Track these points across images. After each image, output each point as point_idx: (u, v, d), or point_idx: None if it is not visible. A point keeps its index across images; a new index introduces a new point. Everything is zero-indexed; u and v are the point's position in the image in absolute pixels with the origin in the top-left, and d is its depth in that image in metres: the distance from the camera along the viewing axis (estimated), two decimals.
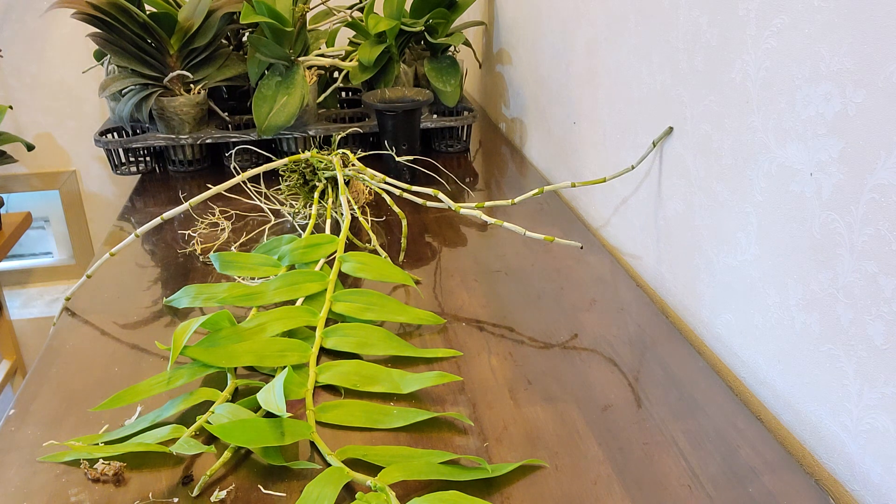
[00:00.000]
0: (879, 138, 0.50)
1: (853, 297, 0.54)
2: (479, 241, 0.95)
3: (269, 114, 1.14)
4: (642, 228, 0.87)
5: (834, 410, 0.57)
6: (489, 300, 0.80)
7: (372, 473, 0.53)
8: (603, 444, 0.58)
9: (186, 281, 0.83)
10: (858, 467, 0.55)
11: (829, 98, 0.55)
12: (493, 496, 0.53)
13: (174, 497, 0.52)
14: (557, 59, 1.12)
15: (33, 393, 0.64)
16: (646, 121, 0.84)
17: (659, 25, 0.79)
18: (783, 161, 0.61)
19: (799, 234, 0.59)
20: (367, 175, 0.92)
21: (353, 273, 0.80)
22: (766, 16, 0.61)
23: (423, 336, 0.73)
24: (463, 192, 1.10)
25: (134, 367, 0.68)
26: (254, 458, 0.56)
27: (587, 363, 0.69)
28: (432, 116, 1.26)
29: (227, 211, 1.02)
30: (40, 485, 0.54)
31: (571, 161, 1.09)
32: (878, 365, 0.53)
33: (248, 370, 0.67)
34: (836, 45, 0.53)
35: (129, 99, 1.16)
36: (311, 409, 0.60)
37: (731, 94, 0.67)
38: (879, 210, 0.51)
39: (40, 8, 1.63)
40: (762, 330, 0.66)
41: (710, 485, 0.54)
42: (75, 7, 1.07)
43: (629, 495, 0.53)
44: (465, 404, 0.63)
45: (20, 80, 1.67)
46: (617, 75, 0.90)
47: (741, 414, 0.62)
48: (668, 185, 0.80)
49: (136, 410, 0.61)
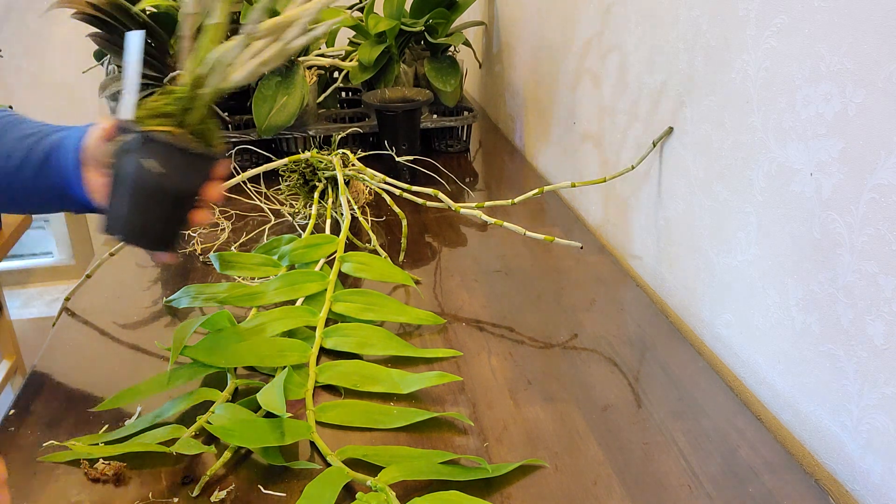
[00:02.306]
0: (879, 138, 0.50)
1: (853, 297, 0.54)
2: (479, 241, 0.95)
3: (269, 114, 1.14)
4: (642, 228, 0.87)
5: (834, 410, 0.57)
6: (489, 300, 0.80)
7: (372, 473, 0.53)
8: (603, 444, 0.58)
9: (186, 281, 0.83)
10: (858, 467, 0.55)
11: (829, 98, 0.55)
12: (493, 496, 0.53)
13: (174, 497, 0.52)
14: (557, 59, 1.12)
15: (33, 393, 0.64)
16: (646, 121, 0.84)
17: (659, 25, 0.79)
18: (783, 161, 0.61)
19: (799, 234, 0.59)
20: (367, 175, 0.92)
21: (353, 273, 0.80)
22: (766, 16, 0.61)
23: (423, 336, 0.73)
24: (463, 192, 1.10)
25: (134, 367, 0.68)
26: (254, 458, 0.56)
27: (587, 363, 0.69)
28: (432, 116, 1.26)
29: (227, 211, 1.02)
30: (40, 485, 0.54)
31: (571, 161, 1.09)
32: (878, 365, 0.52)
33: (248, 370, 0.67)
34: (836, 45, 0.53)
35: None
36: (311, 409, 0.60)
37: (731, 94, 0.67)
38: (879, 210, 0.51)
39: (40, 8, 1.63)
40: (762, 330, 0.66)
41: (710, 485, 0.54)
42: (75, 7, 1.07)
43: (629, 495, 0.53)
44: (465, 404, 0.63)
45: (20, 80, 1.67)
46: (617, 75, 0.90)
47: (741, 414, 0.62)
48: (668, 185, 0.80)
49: (136, 410, 0.61)
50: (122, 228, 0.54)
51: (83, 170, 0.57)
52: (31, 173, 0.58)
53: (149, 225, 0.54)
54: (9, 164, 0.58)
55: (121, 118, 0.52)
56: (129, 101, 0.52)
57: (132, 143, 0.51)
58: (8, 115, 0.62)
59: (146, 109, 0.52)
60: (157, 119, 0.52)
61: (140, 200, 0.52)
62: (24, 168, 0.58)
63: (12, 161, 0.58)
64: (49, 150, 0.58)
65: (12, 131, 0.60)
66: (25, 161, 0.58)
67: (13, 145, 0.59)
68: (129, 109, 0.52)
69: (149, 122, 0.51)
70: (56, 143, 0.58)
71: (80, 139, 0.57)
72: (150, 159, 0.51)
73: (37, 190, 0.59)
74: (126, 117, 0.52)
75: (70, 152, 0.57)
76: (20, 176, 0.58)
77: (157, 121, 0.52)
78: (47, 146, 0.58)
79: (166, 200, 0.53)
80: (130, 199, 0.52)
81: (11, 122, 0.61)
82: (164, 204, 0.53)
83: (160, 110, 0.52)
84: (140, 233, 0.54)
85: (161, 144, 0.51)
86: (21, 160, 0.58)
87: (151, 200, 0.52)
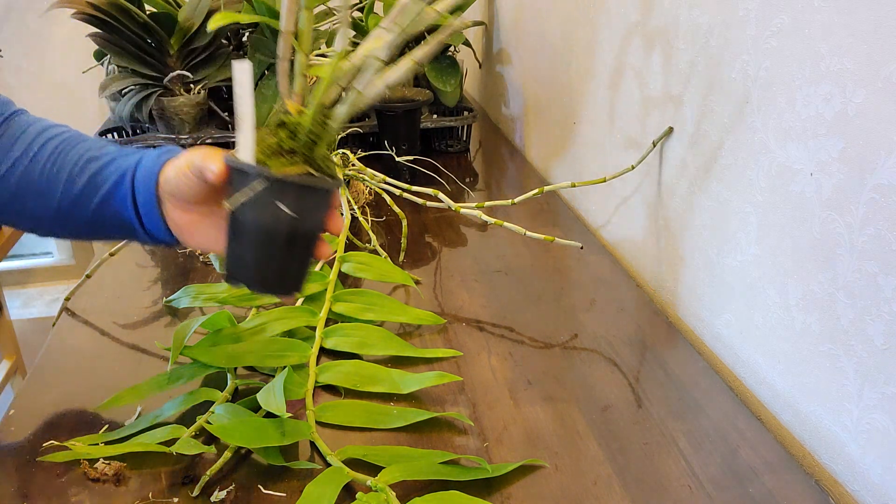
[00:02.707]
0: (879, 138, 0.50)
1: (853, 297, 0.54)
2: (479, 241, 0.95)
3: (269, 114, 1.14)
4: (642, 228, 0.87)
5: (834, 410, 0.57)
6: (489, 300, 0.80)
7: (372, 473, 0.53)
8: (603, 444, 0.58)
9: (186, 281, 0.83)
10: (858, 467, 0.55)
11: (829, 98, 0.55)
12: (493, 496, 0.53)
13: (174, 497, 0.52)
14: (557, 59, 1.12)
15: (33, 393, 0.64)
16: (646, 121, 0.84)
17: (659, 25, 0.79)
18: (783, 161, 0.61)
19: (799, 234, 0.59)
20: (367, 175, 0.92)
21: (353, 273, 0.80)
22: (766, 16, 0.61)
23: (423, 336, 0.73)
24: (463, 192, 1.10)
25: (134, 367, 0.68)
26: (254, 458, 0.56)
27: (587, 363, 0.69)
28: (432, 116, 1.26)
29: None
30: (40, 485, 0.54)
31: (571, 161, 1.09)
32: (878, 365, 0.52)
33: (248, 370, 0.67)
34: (836, 45, 0.53)
35: (129, 99, 1.16)
36: (311, 409, 0.60)
37: (731, 94, 0.67)
38: (879, 210, 0.51)
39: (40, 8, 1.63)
40: (762, 330, 0.66)
41: (710, 485, 0.54)
42: (75, 7, 1.07)
43: (629, 495, 0.53)
44: (465, 404, 0.63)
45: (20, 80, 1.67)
46: (617, 75, 0.90)
47: (741, 414, 0.62)
48: (668, 186, 0.80)
49: (136, 410, 0.61)
50: (251, 278, 0.49)
51: (162, 206, 0.53)
52: (97, 201, 0.53)
53: (282, 271, 0.49)
54: (71, 190, 0.53)
55: (237, 159, 0.47)
56: (248, 141, 0.46)
57: (262, 190, 0.46)
58: (66, 132, 0.56)
59: (265, 147, 0.47)
60: (281, 158, 0.46)
61: (271, 248, 0.48)
62: (88, 195, 0.53)
63: (75, 187, 0.53)
64: (118, 179, 0.53)
65: (72, 151, 0.54)
66: (89, 188, 0.53)
67: (77, 170, 0.53)
68: (249, 150, 0.46)
69: (273, 163, 0.46)
70: (124, 171, 0.53)
71: (156, 171, 0.52)
72: (283, 205, 0.46)
73: (99, 219, 0.54)
74: (245, 158, 0.46)
75: (145, 184, 0.52)
76: (81, 203, 0.53)
77: (282, 160, 0.46)
78: (115, 174, 0.53)
79: (298, 243, 0.49)
80: (260, 247, 0.48)
81: (69, 141, 0.55)
82: (296, 247, 0.49)
83: (282, 146, 0.47)
84: (272, 281, 0.49)
85: (293, 186, 0.46)
86: (84, 186, 0.53)
87: (283, 246, 0.48)
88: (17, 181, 0.53)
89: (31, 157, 0.54)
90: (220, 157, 0.48)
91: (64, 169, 0.54)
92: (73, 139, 0.56)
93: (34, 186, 0.53)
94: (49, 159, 0.54)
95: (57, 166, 0.54)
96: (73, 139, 0.56)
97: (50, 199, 0.54)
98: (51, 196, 0.53)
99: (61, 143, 0.55)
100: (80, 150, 0.55)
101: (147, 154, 0.55)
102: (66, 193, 0.53)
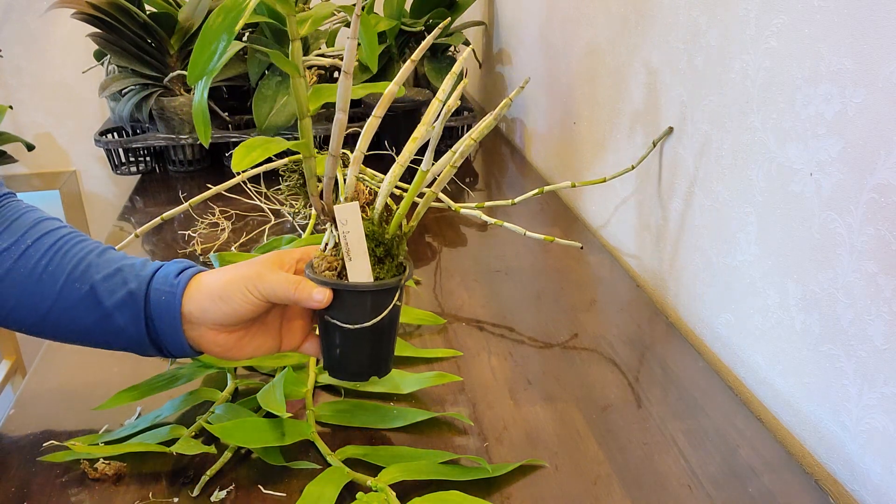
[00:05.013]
0: (879, 138, 0.50)
1: (853, 297, 0.54)
2: (479, 241, 0.95)
3: (269, 114, 1.14)
4: (642, 228, 0.87)
5: (834, 410, 0.57)
6: (489, 300, 0.80)
7: (372, 473, 0.53)
8: (603, 444, 0.58)
9: None
10: (858, 467, 0.55)
11: (828, 98, 0.55)
12: (493, 496, 0.53)
13: (174, 497, 0.52)
14: (557, 59, 1.12)
15: (33, 393, 0.64)
16: (646, 121, 0.84)
17: (659, 25, 0.79)
18: (783, 161, 0.61)
19: (799, 234, 0.59)
20: (367, 175, 0.92)
21: None
22: (766, 16, 0.61)
23: (423, 336, 0.73)
24: (463, 192, 1.10)
25: (134, 367, 0.68)
26: (254, 458, 0.56)
27: (587, 363, 0.69)
28: None
29: (227, 211, 1.02)
30: (40, 485, 0.54)
31: (571, 161, 1.09)
32: (878, 365, 0.52)
33: (248, 370, 0.67)
34: (836, 45, 0.53)
35: (129, 99, 1.16)
36: (311, 409, 0.60)
37: (731, 94, 0.67)
38: (879, 210, 0.51)
39: (40, 8, 1.63)
40: (762, 330, 0.66)
41: (710, 485, 0.54)
42: (75, 7, 1.07)
43: (629, 495, 0.53)
44: (465, 404, 0.63)
45: (20, 80, 1.67)
46: (617, 75, 0.90)
47: (741, 414, 0.62)
48: (668, 185, 0.80)
49: (136, 410, 0.61)
50: (360, 373, 0.54)
51: (189, 328, 0.50)
52: (98, 315, 0.48)
53: (383, 357, 0.55)
54: (68, 297, 0.46)
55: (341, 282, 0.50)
56: (364, 267, 0.50)
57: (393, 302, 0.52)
58: (63, 228, 0.49)
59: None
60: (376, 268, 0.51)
61: (375, 345, 0.53)
62: (88, 307, 0.47)
63: (73, 294, 0.46)
64: (126, 297, 0.48)
65: (71, 251, 0.48)
66: (90, 299, 0.47)
67: (77, 274, 0.47)
68: (367, 274, 0.50)
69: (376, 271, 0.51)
70: (133, 289, 0.48)
71: (178, 299, 0.48)
72: (389, 311, 0.51)
73: (97, 332, 0.48)
74: (363, 279, 0.50)
75: (168, 311, 0.48)
76: (78, 314, 0.47)
77: (376, 269, 0.51)
78: (121, 288, 0.48)
79: (394, 332, 0.54)
80: (366, 346, 0.53)
81: (68, 239, 0.48)
82: (391, 335, 0.54)
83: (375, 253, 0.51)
84: (377, 368, 0.54)
85: (393, 290, 0.51)
86: (84, 296, 0.47)
87: (383, 339, 0.53)
88: (1, 277, 0.46)
89: (23, 251, 0.47)
90: (313, 285, 0.49)
91: (61, 271, 0.47)
92: (71, 237, 0.49)
93: (21, 287, 0.46)
94: (45, 256, 0.47)
95: (53, 266, 0.47)
96: (71, 237, 0.49)
97: (40, 303, 0.46)
98: (42, 300, 0.46)
99: (59, 241, 0.48)
100: (80, 252, 0.48)
101: (159, 271, 0.50)
102: (62, 300, 0.47)
